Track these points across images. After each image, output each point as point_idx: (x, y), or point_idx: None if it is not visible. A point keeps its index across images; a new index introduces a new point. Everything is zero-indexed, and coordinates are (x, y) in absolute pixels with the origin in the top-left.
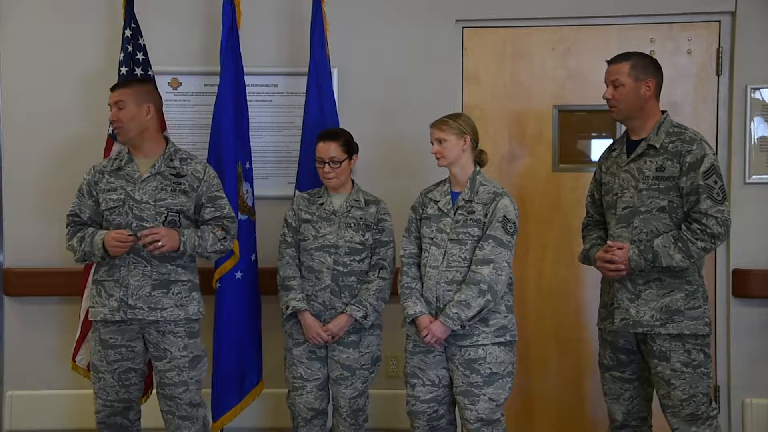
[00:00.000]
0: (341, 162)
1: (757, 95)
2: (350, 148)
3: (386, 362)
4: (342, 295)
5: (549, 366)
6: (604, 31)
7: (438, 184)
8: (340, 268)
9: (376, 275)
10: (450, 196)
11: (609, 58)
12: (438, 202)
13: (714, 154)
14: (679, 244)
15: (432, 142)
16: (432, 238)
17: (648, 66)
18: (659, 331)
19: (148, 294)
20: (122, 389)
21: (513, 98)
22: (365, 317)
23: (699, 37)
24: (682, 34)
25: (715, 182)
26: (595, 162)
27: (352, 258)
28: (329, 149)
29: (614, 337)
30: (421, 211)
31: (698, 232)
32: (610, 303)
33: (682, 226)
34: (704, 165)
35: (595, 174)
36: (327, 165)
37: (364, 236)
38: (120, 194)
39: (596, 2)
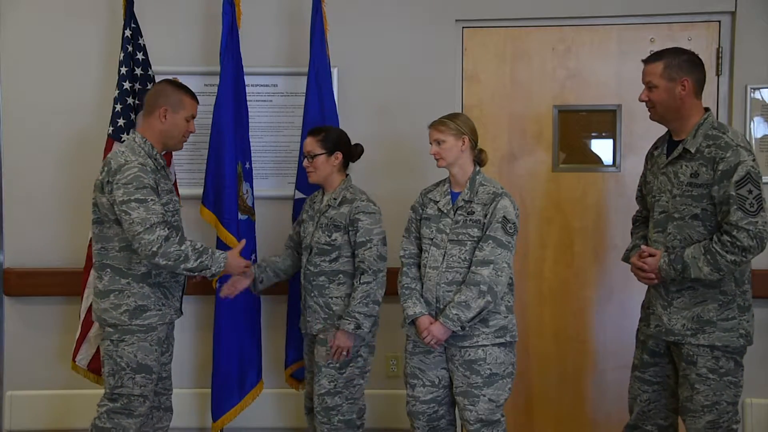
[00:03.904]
0: (314, 156)
1: (757, 95)
2: (330, 145)
3: (386, 362)
4: (312, 294)
5: (549, 366)
6: (604, 31)
7: (438, 184)
8: (311, 268)
9: (358, 281)
10: (450, 197)
11: (643, 58)
12: (438, 202)
13: (753, 160)
14: (708, 257)
15: (431, 143)
16: (432, 239)
17: (683, 64)
18: (690, 341)
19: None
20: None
21: (513, 98)
22: (358, 327)
23: (699, 37)
24: (682, 34)
25: (750, 192)
26: (595, 162)
27: (321, 259)
28: (308, 143)
29: (646, 338)
30: (420, 211)
31: (728, 244)
32: (647, 306)
33: (714, 237)
34: (738, 174)
35: (643, 169)
36: (306, 159)
37: (330, 237)
38: (176, 197)
39: (596, 2)
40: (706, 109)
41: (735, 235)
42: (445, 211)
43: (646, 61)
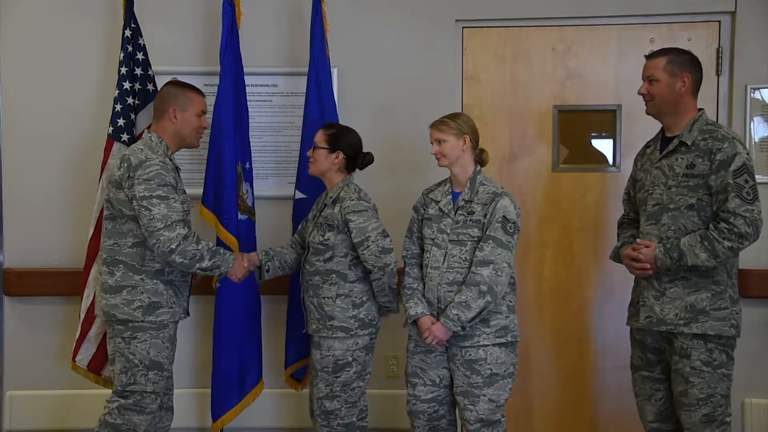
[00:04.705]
0: (316, 148)
1: (757, 95)
2: (335, 142)
3: (386, 362)
4: (309, 294)
5: (549, 366)
6: (604, 31)
7: (439, 184)
8: (308, 267)
9: (371, 281)
10: (451, 197)
11: (647, 53)
12: (439, 202)
13: (747, 153)
14: (705, 243)
15: (432, 143)
16: (433, 239)
17: (685, 62)
18: (682, 330)
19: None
20: None
21: (513, 98)
22: (389, 311)
23: (699, 37)
24: (682, 34)
25: (746, 181)
26: (595, 162)
27: (316, 258)
28: (318, 134)
29: (642, 336)
30: (422, 211)
31: (725, 231)
32: (637, 301)
33: (710, 225)
34: (735, 163)
35: (632, 171)
36: (312, 149)
37: (324, 236)
38: (188, 198)
39: (596, 2)
40: (700, 109)
41: (732, 222)
42: (446, 211)
43: (649, 56)
